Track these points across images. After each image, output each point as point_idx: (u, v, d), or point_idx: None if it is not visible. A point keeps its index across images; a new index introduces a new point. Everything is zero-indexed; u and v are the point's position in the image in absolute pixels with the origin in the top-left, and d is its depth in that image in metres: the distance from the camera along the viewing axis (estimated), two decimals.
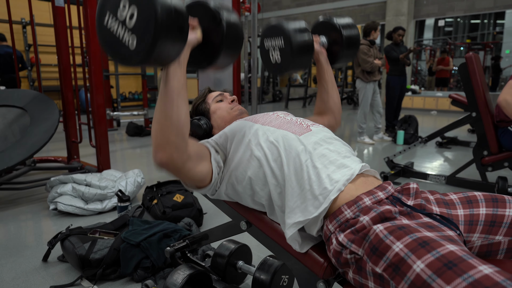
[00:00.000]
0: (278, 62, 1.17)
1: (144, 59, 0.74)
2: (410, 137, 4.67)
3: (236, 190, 1.02)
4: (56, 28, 3.07)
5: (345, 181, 0.88)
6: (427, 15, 8.61)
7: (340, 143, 1.03)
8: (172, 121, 0.84)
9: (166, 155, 0.86)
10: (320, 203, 0.87)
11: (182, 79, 0.86)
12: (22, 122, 2.68)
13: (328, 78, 1.30)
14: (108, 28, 0.77)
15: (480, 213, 0.87)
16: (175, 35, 0.76)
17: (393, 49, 4.87)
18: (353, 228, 0.81)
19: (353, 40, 1.27)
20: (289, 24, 1.13)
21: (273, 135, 0.99)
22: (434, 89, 10.31)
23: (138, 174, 2.63)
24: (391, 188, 0.91)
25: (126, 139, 5.26)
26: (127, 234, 1.68)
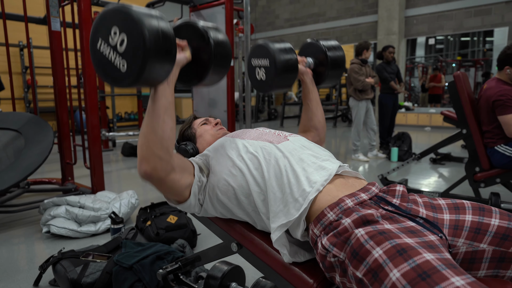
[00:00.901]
0: (263, 79, 1.21)
1: (135, 81, 0.79)
2: (404, 154, 4.71)
3: (222, 201, 1.04)
4: (52, 51, 3.11)
5: (323, 181, 0.92)
6: (418, 34, 8.81)
7: (318, 148, 1.07)
8: (157, 135, 0.88)
9: (150, 166, 0.89)
10: (300, 205, 0.90)
11: (170, 97, 0.91)
12: (16, 144, 2.69)
13: (313, 97, 1.35)
14: (101, 52, 0.82)
15: (466, 219, 0.88)
16: (164, 58, 0.80)
17: (384, 68, 4.96)
18: (336, 230, 0.82)
19: (338, 62, 1.32)
20: (274, 45, 1.18)
21: (252, 146, 1.04)
22: (427, 106, 10.44)
23: (132, 196, 2.62)
24: (375, 189, 0.94)
25: (121, 160, 5.25)
26: (120, 257, 1.67)
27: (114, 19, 0.79)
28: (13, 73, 6.40)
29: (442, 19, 8.32)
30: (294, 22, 11.09)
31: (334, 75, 1.35)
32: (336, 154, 5.59)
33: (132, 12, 0.77)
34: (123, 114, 9.34)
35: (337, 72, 1.35)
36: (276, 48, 1.16)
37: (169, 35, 0.81)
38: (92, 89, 2.82)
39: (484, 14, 7.75)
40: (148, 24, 0.76)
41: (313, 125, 1.36)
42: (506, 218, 0.87)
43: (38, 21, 4.52)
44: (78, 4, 2.74)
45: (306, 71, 1.32)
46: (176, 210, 2.27)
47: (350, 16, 9.79)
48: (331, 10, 10.21)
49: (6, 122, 2.85)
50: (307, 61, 1.33)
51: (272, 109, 11.69)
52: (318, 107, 1.37)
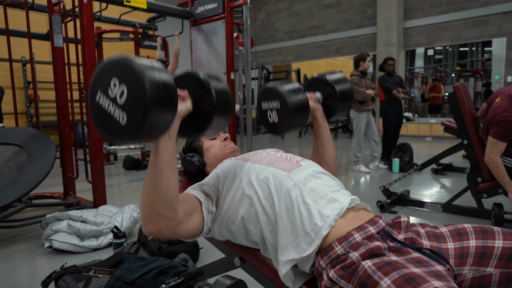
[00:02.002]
0: (275, 122, 1.19)
1: (135, 134, 0.75)
2: (405, 165, 4.70)
3: (230, 229, 1.03)
4: (55, 66, 3.15)
5: (335, 216, 0.90)
6: (416, 45, 8.89)
7: (329, 177, 1.05)
8: (161, 194, 0.84)
9: (155, 227, 0.86)
10: (312, 240, 0.88)
11: (172, 151, 0.87)
12: (19, 159, 2.70)
13: (324, 133, 1.32)
14: (100, 105, 0.79)
15: (470, 245, 0.88)
16: (165, 109, 0.77)
17: (387, 80, 4.99)
18: (343, 264, 0.82)
19: (346, 94, 1.31)
20: (283, 87, 1.16)
21: (264, 173, 1.01)
22: (427, 116, 10.47)
23: (134, 209, 2.62)
24: (382, 222, 0.93)
25: (123, 173, 5.26)
26: (122, 271, 1.66)
27: (114, 70, 0.77)
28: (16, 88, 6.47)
29: (440, 30, 8.41)
30: (294, 34, 11.22)
31: (344, 107, 1.33)
32: (337, 166, 5.58)
33: (132, 63, 0.75)
34: None
35: (346, 104, 1.33)
36: (285, 90, 1.15)
37: (170, 86, 0.79)
38: None
39: (481, 25, 7.84)
40: (149, 75, 0.74)
41: (324, 160, 1.32)
42: (510, 238, 0.87)
43: (41, 37, 4.60)
44: (81, 21, 2.79)
45: (317, 107, 1.29)
46: None
47: (349, 28, 9.91)
48: (330, 23, 10.34)
49: (9, 137, 2.86)
50: (316, 96, 1.31)
51: None
52: (329, 142, 1.33)
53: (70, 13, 3.33)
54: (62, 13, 3.14)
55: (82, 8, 2.77)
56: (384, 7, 8.76)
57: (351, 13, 9.83)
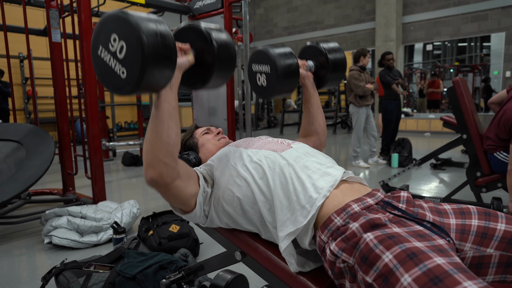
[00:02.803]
0: (264, 85, 1.20)
1: (134, 88, 0.78)
2: (404, 160, 4.71)
3: (227, 212, 1.04)
4: (53, 62, 3.14)
5: (329, 187, 0.92)
6: (415, 40, 8.88)
7: (321, 156, 1.07)
8: (162, 141, 0.87)
9: (156, 172, 0.88)
10: (308, 212, 0.90)
11: (173, 102, 0.89)
12: (17, 155, 2.69)
13: (314, 102, 1.34)
14: (102, 59, 0.82)
15: (472, 224, 0.88)
16: (163, 63, 0.79)
17: (387, 74, 4.98)
18: (344, 235, 0.82)
19: (339, 64, 1.31)
20: (274, 50, 1.17)
21: (256, 155, 1.03)
22: (425, 111, 10.48)
23: (133, 205, 2.61)
24: (381, 194, 0.94)
25: (122, 169, 5.25)
26: (123, 267, 1.66)
27: (113, 26, 0.78)
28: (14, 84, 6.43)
29: (439, 25, 8.39)
30: (292, 30, 11.18)
31: (336, 78, 1.34)
32: (336, 161, 5.54)
33: (129, 17, 0.75)
34: (123, 123, 9.36)
35: (338, 75, 1.34)
36: (276, 54, 1.16)
37: (168, 40, 0.79)
38: (92, 99, 2.83)
39: (480, 20, 7.82)
40: (146, 29, 0.75)
41: (314, 129, 1.36)
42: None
43: (38, 32, 4.56)
44: (79, 16, 2.77)
45: (307, 75, 1.31)
46: (178, 219, 2.27)
47: (347, 24, 9.88)
48: (329, 18, 10.30)
49: (7, 133, 2.85)
50: (308, 65, 1.32)
51: (272, 116, 11.72)
52: (319, 111, 1.36)
53: (68, 8, 3.31)
54: (60, 8, 3.11)
55: (80, 3, 2.75)
56: (383, 2, 8.73)
57: (350, 8, 9.80)
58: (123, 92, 0.80)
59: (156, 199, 3.49)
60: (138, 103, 5.92)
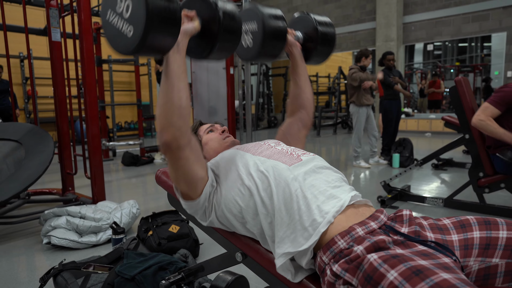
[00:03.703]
0: (249, 46, 1.17)
1: (140, 46, 0.80)
2: (405, 160, 4.69)
3: (227, 217, 1.02)
4: (53, 62, 3.12)
5: (334, 212, 0.88)
6: (416, 40, 8.86)
7: (330, 172, 1.03)
8: (174, 104, 0.89)
9: (169, 135, 0.90)
10: (309, 235, 0.87)
11: (182, 64, 0.91)
12: (17, 155, 2.68)
13: (301, 72, 1.30)
14: (110, 23, 0.85)
15: (474, 236, 0.87)
16: (168, 22, 0.81)
17: (387, 74, 4.96)
18: (347, 257, 0.80)
19: (328, 37, 1.29)
20: (264, 9, 1.14)
21: (264, 165, 1.00)
22: (426, 111, 10.46)
23: (133, 205, 2.60)
24: (384, 217, 0.91)
25: (121, 169, 5.23)
26: (122, 268, 1.64)
27: None
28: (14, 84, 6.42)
29: (440, 25, 8.37)
30: None
31: (324, 52, 1.31)
32: (337, 161, 5.57)
33: None
34: (123, 123, 9.34)
35: (326, 49, 1.31)
36: (266, 13, 1.13)
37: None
38: (92, 99, 2.81)
39: (481, 20, 7.80)
40: None
41: (301, 103, 1.32)
42: None
43: (38, 32, 4.55)
44: (78, 15, 2.75)
45: (295, 43, 1.27)
46: (178, 220, 2.25)
47: (348, 24, 9.86)
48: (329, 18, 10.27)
49: (7, 132, 2.84)
50: (296, 35, 1.29)
51: (272, 116, 11.70)
52: (306, 83, 1.32)
53: (68, 7, 3.29)
54: (60, 7, 3.10)
55: (80, 2, 2.73)
56: (384, 2, 8.71)
57: (350, 8, 9.78)
58: (129, 51, 0.82)
59: (156, 199, 3.47)
60: (138, 103, 5.90)
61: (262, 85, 11.19)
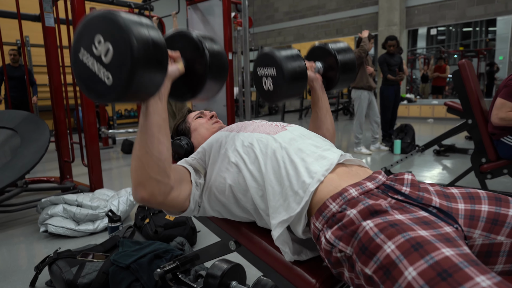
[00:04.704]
0: (270, 89, 1.14)
1: (121, 95, 0.71)
2: (407, 146, 4.64)
3: (220, 201, 0.99)
4: (47, 48, 3.06)
5: (324, 171, 0.86)
6: (419, 24, 8.70)
7: (319, 138, 1.01)
8: (153, 157, 0.81)
9: (147, 192, 0.82)
10: (301, 198, 0.84)
11: (163, 113, 0.83)
12: (12, 143, 2.65)
13: (322, 105, 1.27)
14: (84, 63, 0.74)
15: (482, 209, 0.82)
16: (153, 70, 0.73)
17: (385, 59, 4.87)
18: (341, 223, 0.76)
19: (349, 65, 1.25)
20: (281, 53, 1.11)
21: (248, 139, 0.98)
22: (428, 97, 10.34)
23: (130, 193, 2.57)
24: (382, 177, 0.87)
25: (121, 157, 5.21)
26: (117, 256, 1.62)
27: (98, 26, 0.71)
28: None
29: (444, 9, 8.20)
30: (293, 15, 10.98)
31: (346, 79, 1.27)
32: (337, 148, 5.51)
33: (118, 18, 0.69)
34: (123, 111, 9.30)
35: (348, 76, 1.27)
36: (283, 56, 1.09)
37: (159, 44, 0.74)
38: None
39: (487, 3, 7.63)
40: (137, 31, 0.69)
41: (321, 133, 1.27)
42: None
43: (34, 18, 4.46)
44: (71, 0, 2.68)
45: (316, 77, 1.24)
46: None
47: (350, 8, 9.68)
48: (331, 2, 10.10)
49: (2, 120, 2.80)
50: (316, 66, 1.25)
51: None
52: (327, 115, 1.29)
53: None
54: None
55: None
56: None
57: None
58: (108, 99, 0.73)
59: None
60: None
61: None
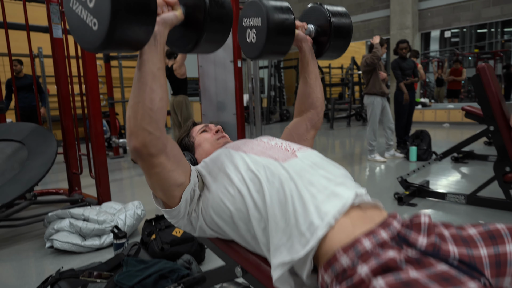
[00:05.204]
0: (253, 41, 1.05)
1: (107, 42, 0.67)
2: (423, 153, 4.48)
3: (216, 223, 0.91)
4: (55, 59, 3.05)
5: (336, 213, 0.75)
6: (432, 27, 8.52)
7: (331, 167, 0.91)
8: (145, 107, 0.77)
9: (139, 141, 0.78)
10: (307, 240, 0.74)
11: (158, 62, 0.79)
12: (19, 156, 2.62)
13: (312, 70, 1.18)
14: (74, 11, 0.72)
15: (507, 251, 0.72)
16: (139, 13, 0.69)
17: (399, 64, 4.74)
18: (351, 283, 0.67)
19: (343, 30, 1.15)
20: (269, 2, 1.02)
21: (254, 164, 0.88)
22: (443, 101, 10.10)
23: (138, 206, 2.51)
24: (397, 224, 0.76)
25: (132, 167, 5.18)
26: (120, 276, 1.54)
27: None
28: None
29: (458, 10, 8.01)
30: None
31: (338, 46, 1.18)
32: (350, 155, 5.39)
33: None
34: None
35: (341, 43, 1.17)
36: (270, 6, 1.00)
37: None
38: (94, 96, 2.73)
39: (503, 3, 7.41)
40: None
41: (311, 103, 1.20)
42: None
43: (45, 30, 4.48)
44: None
45: (305, 38, 1.15)
46: None
47: (361, 12, 9.55)
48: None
49: (10, 133, 2.78)
50: (308, 28, 1.17)
51: (284, 109, 11.52)
52: (317, 81, 1.20)
53: None
54: (60, 2, 3.01)
55: None
56: None
57: None
58: (96, 48, 0.69)
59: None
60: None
61: (273, 77, 11.00)
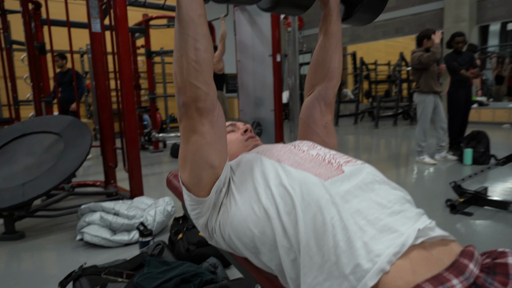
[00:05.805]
0: None
1: None
2: (480, 156, 4.05)
3: (235, 244, 0.75)
4: (93, 53, 3.07)
5: (391, 255, 0.57)
6: (493, 19, 7.80)
7: (386, 188, 0.70)
8: (189, 59, 0.71)
9: (187, 96, 0.72)
10: (351, 287, 0.57)
11: (198, 8, 0.72)
12: (56, 148, 2.65)
13: (334, 31, 0.97)
14: None
15: None
16: None
17: (454, 58, 4.33)
18: None
19: None
20: None
21: (289, 178, 0.70)
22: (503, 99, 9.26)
23: (168, 203, 2.44)
24: (474, 267, 0.56)
25: (169, 161, 5.21)
26: (140, 278, 1.45)
27: None
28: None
29: None
30: None
31: (372, 7, 0.97)
32: (396, 156, 5.04)
33: None
34: (176, 115, 9.50)
35: (375, 7, 0.97)
36: None
37: None
38: (128, 90, 2.70)
39: None
40: None
41: (325, 73, 0.99)
42: None
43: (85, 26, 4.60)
44: (113, 4, 2.62)
45: None
46: None
47: (411, 5, 9.00)
48: (390, 0, 9.46)
49: (49, 125, 2.84)
50: None
51: None
52: (337, 48, 0.99)
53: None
54: None
55: None
56: None
57: None
58: None
59: None
60: None
61: None
